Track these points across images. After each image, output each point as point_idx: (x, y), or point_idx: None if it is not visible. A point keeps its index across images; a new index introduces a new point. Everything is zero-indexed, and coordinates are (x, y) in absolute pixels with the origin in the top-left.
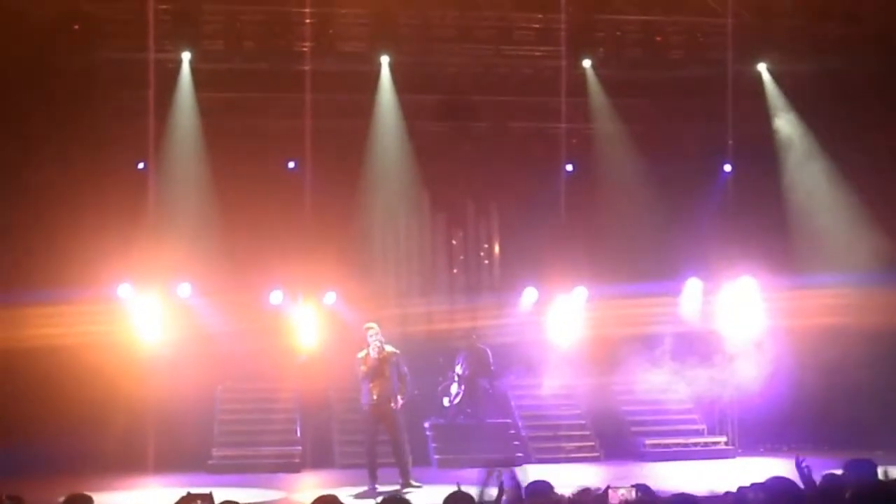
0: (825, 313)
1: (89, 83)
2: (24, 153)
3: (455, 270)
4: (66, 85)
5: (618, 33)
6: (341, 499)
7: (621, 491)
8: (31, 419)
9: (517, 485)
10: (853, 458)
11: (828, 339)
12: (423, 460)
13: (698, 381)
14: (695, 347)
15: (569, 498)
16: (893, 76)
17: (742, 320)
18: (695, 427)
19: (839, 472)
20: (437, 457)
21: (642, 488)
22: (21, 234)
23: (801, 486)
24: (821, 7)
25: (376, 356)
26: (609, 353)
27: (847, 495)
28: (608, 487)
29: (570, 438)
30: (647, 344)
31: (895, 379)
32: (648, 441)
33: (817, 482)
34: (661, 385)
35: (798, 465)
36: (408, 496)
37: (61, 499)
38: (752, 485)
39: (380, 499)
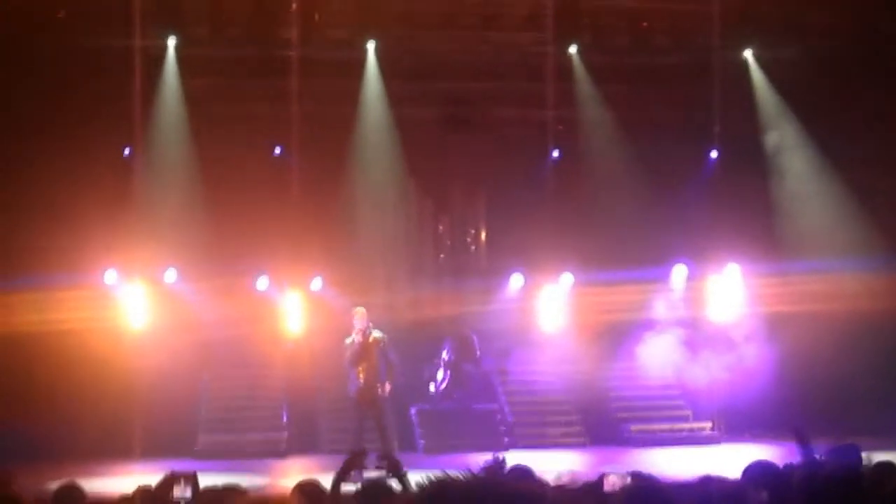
0: (811, 299)
1: (74, 70)
2: (9, 140)
3: (442, 256)
4: (51, 72)
5: (604, 19)
6: (324, 484)
7: (614, 478)
8: (16, 405)
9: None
10: (838, 444)
11: (813, 325)
12: (409, 446)
13: (684, 366)
14: (680, 334)
15: (554, 485)
16: (879, 62)
17: (728, 306)
18: (680, 413)
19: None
20: (422, 442)
21: (637, 474)
22: (6, 220)
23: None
24: None
25: (363, 340)
26: (595, 339)
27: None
28: (602, 475)
29: (556, 424)
30: (633, 330)
31: (881, 364)
32: (634, 427)
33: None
34: (647, 371)
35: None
36: (391, 482)
37: (52, 487)
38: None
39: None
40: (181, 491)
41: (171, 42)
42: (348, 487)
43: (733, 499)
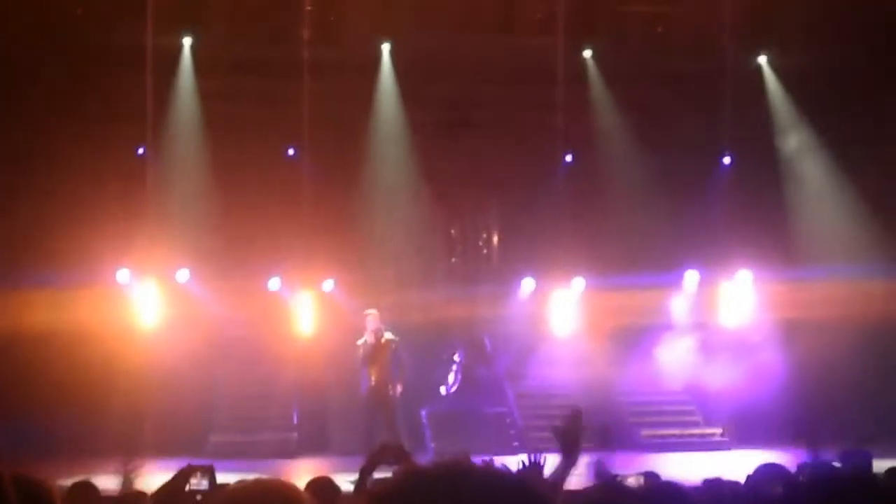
0: (824, 305)
1: (90, 67)
2: (24, 136)
3: (454, 260)
4: (67, 68)
5: (619, 24)
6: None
7: (629, 480)
8: (30, 403)
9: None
10: (849, 450)
11: (826, 331)
12: (419, 448)
13: (695, 372)
14: (692, 339)
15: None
16: (893, 68)
17: (740, 312)
18: (691, 418)
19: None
20: (433, 444)
21: (650, 475)
22: (20, 218)
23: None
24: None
25: (375, 342)
26: (607, 344)
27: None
28: (615, 476)
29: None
30: (645, 335)
31: (892, 371)
32: (645, 432)
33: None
34: (658, 376)
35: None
36: None
37: (66, 484)
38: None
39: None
40: (197, 483)
41: (187, 41)
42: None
43: (744, 498)
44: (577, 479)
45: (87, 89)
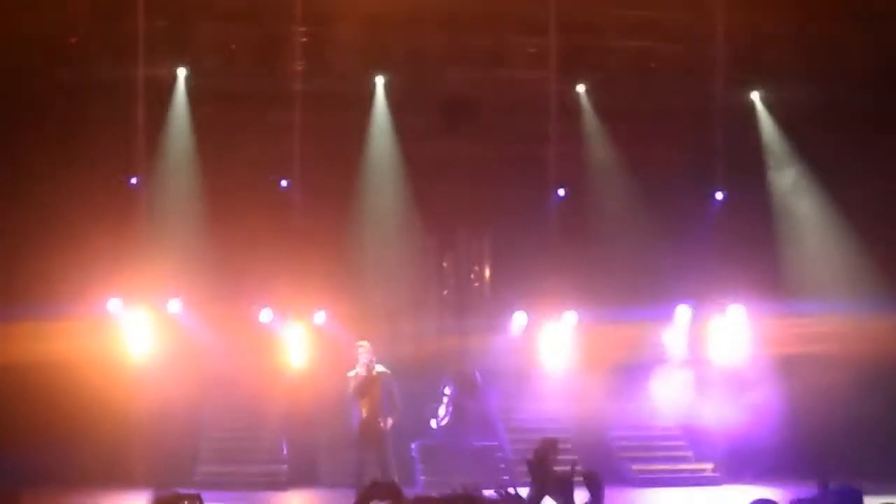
0: (814, 341)
1: (84, 97)
2: (16, 166)
3: (445, 292)
4: (60, 98)
5: (611, 60)
6: None
7: None
8: (19, 432)
9: None
10: (839, 485)
11: (817, 366)
12: (409, 481)
13: (686, 407)
14: (683, 374)
15: None
16: (886, 107)
17: (731, 347)
18: (682, 454)
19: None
20: (423, 478)
21: None
22: (11, 248)
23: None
24: (813, 38)
25: (366, 375)
26: (598, 378)
27: None
28: None
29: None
30: (636, 369)
31: (884, 407)
32: (635, 467)
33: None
34: (649, 411)
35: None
36: None
37: None
38: None
39: None
40: None
41: (182, 73)
42: None
43: None
44: None
45: (81, 118)
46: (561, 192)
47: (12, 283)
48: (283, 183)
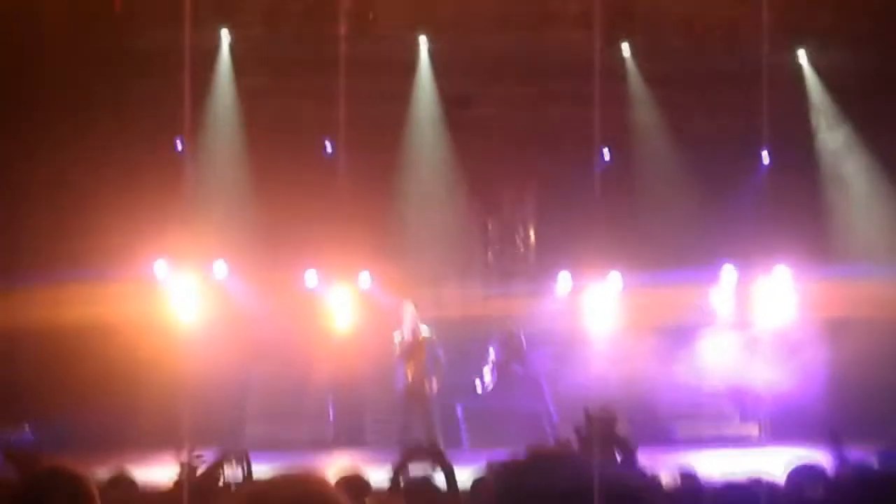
0: (861, 304)
1: (129, 62)
2: (64, 130)
3: (490, 255)
4: (106, 65)
5: (658, 22)
6: (369, 478)
7: (665, 478)
8: (67, 397)
9: None
10: (888, 449)
11: (863, 330)
12: (454, 443)
13: (732, 368)
14: (729, 336)
15: None
16: None
17: (778, 310)
18: (727, 415)
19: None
20: (468, 440)
21: (686, 474)
22: (57, 212)
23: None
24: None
25: (411, 338)
26: (643, 340)
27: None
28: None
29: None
30: (682, 331)
31: None
32: (681, 428)
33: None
34: (694, 372)
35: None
36: (436, 479)
37: (104, 476)
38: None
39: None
40: (232, 473)
41: (226, 39)
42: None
43: (782, 497)
44: None
45: (126, 84)
46: (606, 153)
47: (58, 247)
48: (328, 147)
